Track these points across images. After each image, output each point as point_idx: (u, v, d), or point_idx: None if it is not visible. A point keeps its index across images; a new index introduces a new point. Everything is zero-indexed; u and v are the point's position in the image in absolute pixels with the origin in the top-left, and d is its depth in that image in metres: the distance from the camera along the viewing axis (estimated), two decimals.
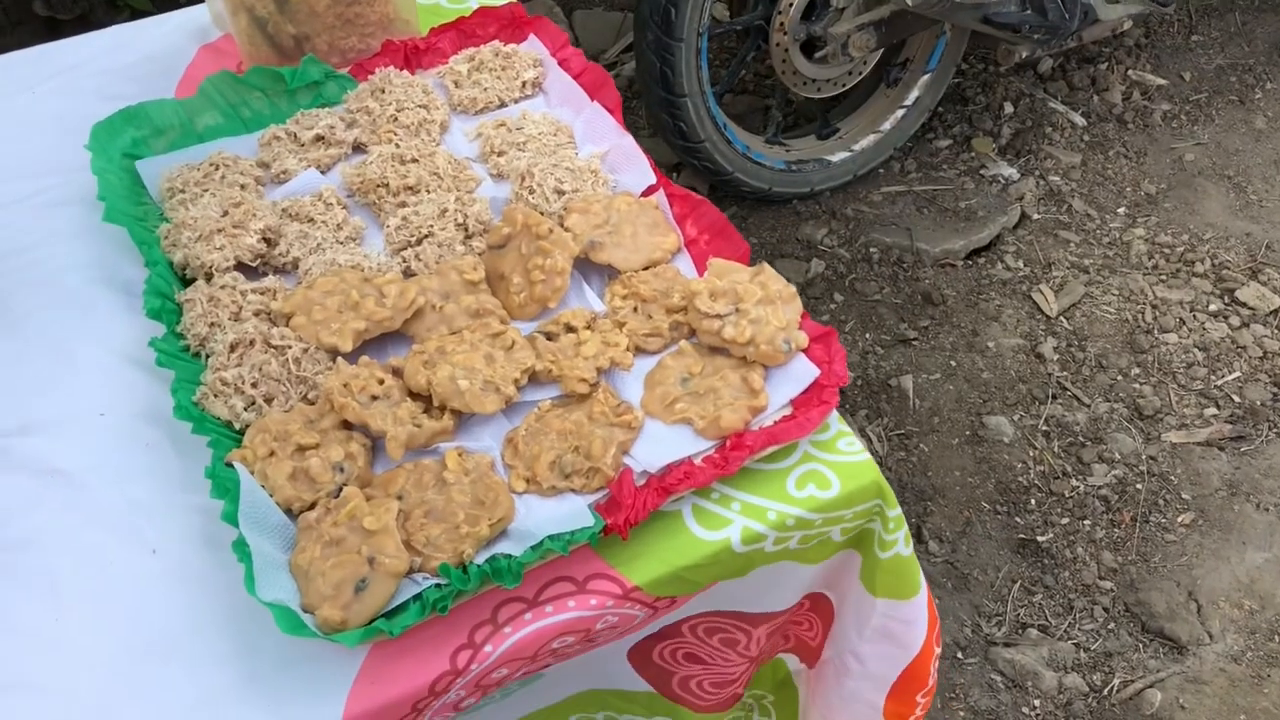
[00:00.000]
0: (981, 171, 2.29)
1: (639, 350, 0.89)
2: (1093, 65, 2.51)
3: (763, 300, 0.88)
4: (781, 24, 1.98)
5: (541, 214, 0.96)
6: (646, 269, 0.94)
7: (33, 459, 0.86)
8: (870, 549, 0.88)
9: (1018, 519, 1.74)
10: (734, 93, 2.36)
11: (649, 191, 1.00)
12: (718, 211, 0.96)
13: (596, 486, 0.81)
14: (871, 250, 2.13)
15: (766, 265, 0.90)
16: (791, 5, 1.96)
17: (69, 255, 1.00)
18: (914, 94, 2.19)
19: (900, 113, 2.20)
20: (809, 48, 2.03)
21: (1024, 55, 2.12)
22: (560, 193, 0.98)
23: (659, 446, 0.83)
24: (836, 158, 2.17)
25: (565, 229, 0.94)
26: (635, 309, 0.91)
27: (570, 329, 0.89)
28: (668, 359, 0.88)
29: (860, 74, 2.13)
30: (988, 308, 2.04)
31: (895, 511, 0.86)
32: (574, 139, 1.06)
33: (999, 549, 1.71)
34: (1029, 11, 1.96)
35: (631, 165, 1.02)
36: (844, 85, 2.12)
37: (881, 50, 2.07)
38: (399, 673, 0.74)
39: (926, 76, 2.18)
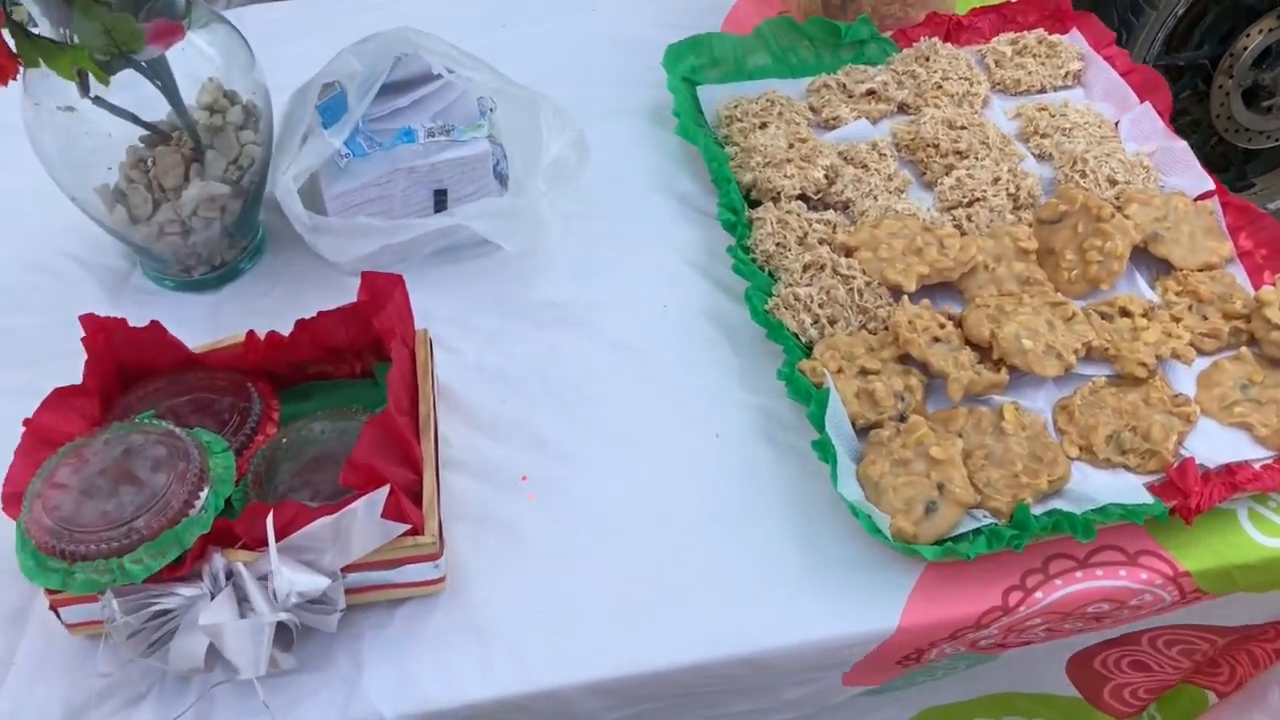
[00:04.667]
0: None
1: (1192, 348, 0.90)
2: None
3: None
4: (1229, 67, 1.92)
5: None
6: (1199, 271, 0.94)
7: (607, 332, 0.94)
8: None
9: None
10: None
11: (1202, 197, 0.99)
12: None
13: (1152, 469, 0.82)
14: None
15: None
16: (1245, 49, 1.89)
17: (631, 161, 1.09)
18: None
19: None
20: (1251, 95, 1.95)
21: None
22: (1113, 182, 0.99)
23: (1217, 444, 0.83)
24: None
25: (1125, 217, 0.95)
26: (1190, 307, 0.91)
27: (1125, 313, 0.90)
28: (1225, 362, 0.88)
29: None
30: None
31: None
32: (1117, 134, 1.06)
33: None
34: None
35: (1183, 169, 1.02)
36: (1277, 140, 2.03)
37: None
38: (954, 597, 0.77)
39: None
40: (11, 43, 0.77)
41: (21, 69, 0.80)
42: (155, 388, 0.83)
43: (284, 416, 0.84)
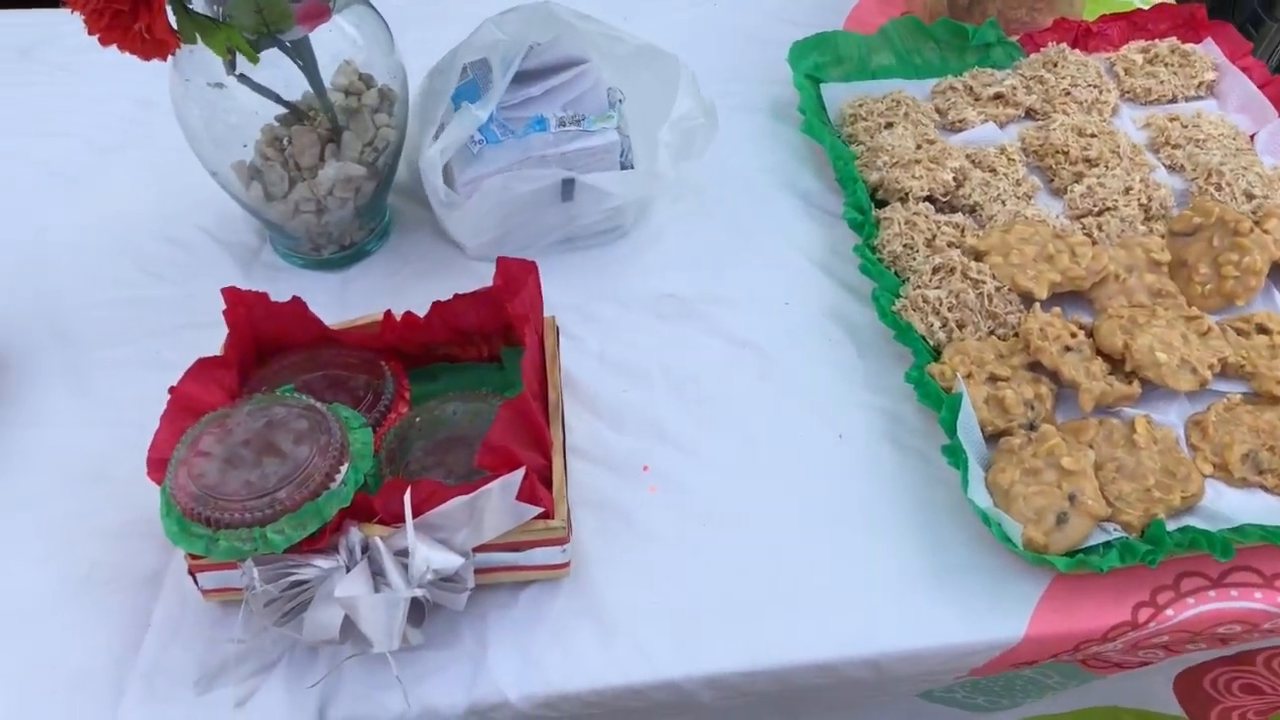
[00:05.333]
0: None
1: None
2: None
3: None
4: None
5: None
6: None
7: (729, 327, 0.94)
8: None
9: None
10: None
11: None
12: None
13: None
14: None
15: None
16: None
17: (753, 156, 1.09)
18: None
19: None
20: None
21: None
22: (1250, 196, 0.97)
23: None
24: None
25: (1264, 232, 0.93)
26: None
27: (1263, 330, 0.88)
28: None
29: None
30: None
31: None
32: (1253, 147, 1.04)
33: None
34: None
35: None
36: None
37: None
38: (1082, 609, 0.76)
39: None
40: (172, 19, 0.79)
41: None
42: (290, 362, 0.84)
43: (412, 396, 0.85)
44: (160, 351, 0.93)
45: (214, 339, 0.85)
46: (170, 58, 0.86)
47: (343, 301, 0.97)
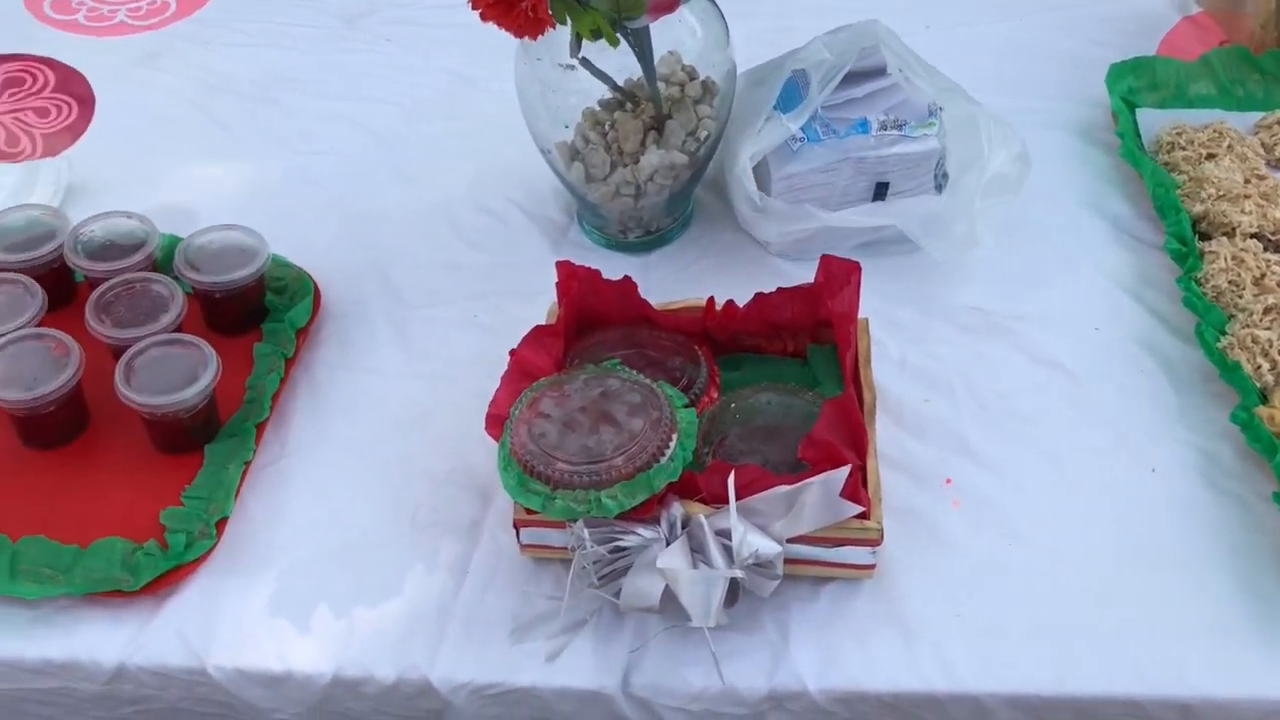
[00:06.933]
0: None
1: None
2: None
3: None
4: None
5: None
6: None
7: (1035, 347, 0.92)
8: None
9: None
10: None
11: None
12: None
13: None
14: None
15: None
16: None
17: (1061, 176, 1.07)
18: None
19: None
20: None
21: None
22: None
23: None
24: None
25: None
26: None
27: None
28: None
29: None
30: None
31: None
32: None
33: None
34: None
35: None
36: None
37: None
38: None
39: None
40: None
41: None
42: (608, 337, 0.87)
43: (721, 382, 0.87)
44: (477, 315, 0.97)
45: (527, 308, 0.89)
46: (523, 38, 0.90)
47: (644, 285, 0.98)
